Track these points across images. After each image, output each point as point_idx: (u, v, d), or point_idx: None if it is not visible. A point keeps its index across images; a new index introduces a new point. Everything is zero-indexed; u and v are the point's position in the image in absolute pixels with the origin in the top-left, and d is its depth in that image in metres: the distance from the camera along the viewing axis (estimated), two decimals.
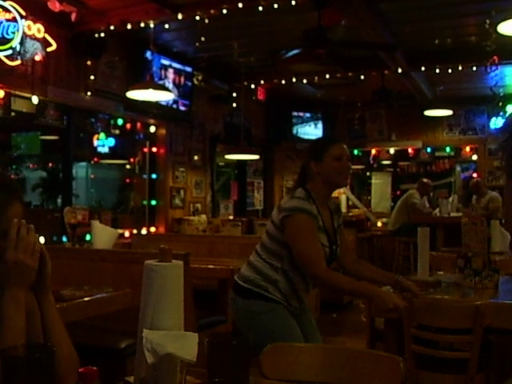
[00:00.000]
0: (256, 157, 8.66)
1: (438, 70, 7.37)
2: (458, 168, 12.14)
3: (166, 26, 5.61)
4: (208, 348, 1.32)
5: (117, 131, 7.21)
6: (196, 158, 8.18)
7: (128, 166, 9.04)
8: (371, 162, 12.39)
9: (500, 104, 8.93)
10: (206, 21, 5.27)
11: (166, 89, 5.98)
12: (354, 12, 5.31)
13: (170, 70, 7.14)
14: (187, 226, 7.39)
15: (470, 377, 2.96)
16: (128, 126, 7.08)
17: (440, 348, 3.37)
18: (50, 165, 10.48)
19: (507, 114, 9.20)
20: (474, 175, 10.25)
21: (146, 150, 7.59)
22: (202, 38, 6.00)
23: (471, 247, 3.72)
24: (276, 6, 4.99)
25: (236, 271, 4.74)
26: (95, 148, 9.13)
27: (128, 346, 3.33)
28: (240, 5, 5.01)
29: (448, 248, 5.66)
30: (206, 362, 1.33)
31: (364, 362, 1.96)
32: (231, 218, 8.63)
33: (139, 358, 1.52)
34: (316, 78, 7.97)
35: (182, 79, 7.32)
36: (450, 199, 9.72)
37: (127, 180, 9.28)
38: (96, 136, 8.63)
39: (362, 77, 7.86)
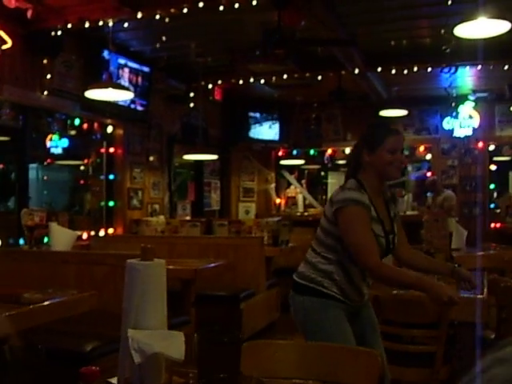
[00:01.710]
0: (214, 157, 8.64)
1: (393, 71, 7.48)
2: (409, 168, 12.35)
3: (125, 24, 5.54)
4: (198, 345, 1.31)
5: (74, 131, 7.09)
6: (153, 158, 8.11)
7: (82, 167, 8.90)
8: (326, 161, 12.47)
9: (453, 104, 9.15)
10: (167, 20, 5.23)
11: (126, 88, 5.92)
12: (313, 13, 5.35)
13: (127, 70, 7.06)
14: (146, 227, 7.32)
15: (437, 370, 3.02)
16: (85, 126, 6.96)
17: (403, 342, 3.43)
18: (1, 166, 10.23)
19: (459, 114, 9.43)
20: (428, 174, 10.45)
21: (103, 150, 7.48)
22: (163, 38, 5.94)
23: (434, 243, 3.80)
24: (237, 5, 4.98)
25: (200, 271, 4.78)
26: (48, 149, 8.95)
27: (94, 349, 3.27)
28: (201, 4, 4.98)
29: None
30: (196, 359, 1.32)
31: (342, 357, 1.97)
32: (188, 218, 8.60)
33: (123, 358, 1.50)
34: (274, 78, 8.00)
35: (140, 79, 7.25)
36: (405, 198, 9.91)
37: (81, 181, 9.13)
38: (49, 136, 8.47)
39: (320, 77, 7.91)
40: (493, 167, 10.16)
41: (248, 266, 5.98)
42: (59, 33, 5.74)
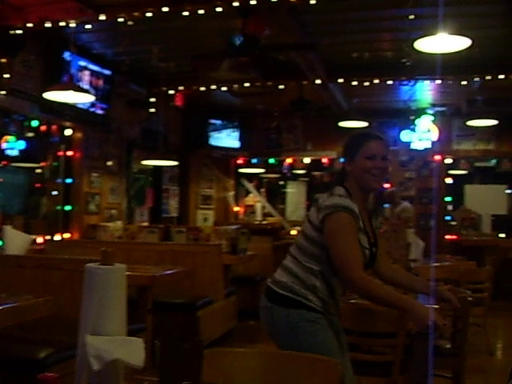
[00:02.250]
0: (174, 163, 8.59)
1: (355, 83, 7.57)
2: None
3: (88, 26, 5.46)
4: (160, 352, 1.28)
5: (31, 133, 6.95)
6: (112, 163, 8.01)
7: (39, 170, 8.73)
8: (284, 171, 12.54)
9: (412, 118, 9.30)
10: (130, 23, 5.17)
11: (86, 91, 5.83)
12: (278, 21, 5.37)
13: (88, 72, 6.96)
14: (103, 232, 7.22)
15: (394, 379, 3.04)
16: (43, 128, 6.83)
17: (360, 352, 3.44)
18: None
19: (418, 127, 9.59)
20: (386, 185, 10.56)
21: (60, 153, 7.35)
22: (126, 42, 5.88)
23: (392, 253, 3.83)
24: (201, 11, 4.96)
25: (158, 278, 4.72)
26: (3, 150, 8.75)
27: (48, 356, 3.19)
28: (165, 9, 4.94)
29: None
30: (158, 366, 1.29)
31: (300, 365, 1.96)
32: (146, 224, 8.51)
33: (80, 365, 1.46)
34: (235, 85, 8.00)
35: (101, 82, 7.16)
36: None
37: (38, 184, 8.95)
38: (5, 138, 8.28)
39: (282, 86, 7.95)
40: (449, 180, 10.34)
41: (206, 274, 5.94)
42: (19, 32, 5.62)
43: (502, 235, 8.58)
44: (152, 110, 8.35)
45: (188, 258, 5.91)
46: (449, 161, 10.12)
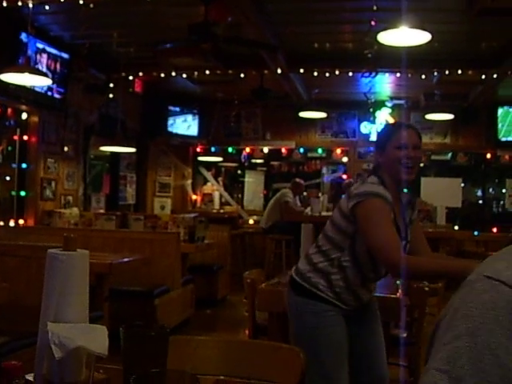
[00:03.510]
0: (132, 150, 8.49)
1: (315, 73, 7.59)
2: (324, 170, 12.59)
3: (46, 7, 5.33)
4: (123, 339, 1.26)
5: None
6: (68, 148, 7.86)
7: None
8: (243, 160, 12.53)
9: (371, 110, 9.38)
10: (91, 6, 5.07)
11: (44, 74, 5.70)
12: (241, 9, 5.34)
13: (45, 55, 6.80)
14: (58, 218, 7.09)
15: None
16: None
17: None
18: None
19: (376, 119, 9.68)
20: (344, 176, 10.67)
21: (16, 137, 7.18)
22: (86, 25, 5.76)
23: None
24: None
25: (115, 266, 4.67)
26: None
27: (2, 345, 3.12)
28: None
29: None
30: (121, 354, 1.27)
31: (263, 353, 1.96)
32: (102, 211, 8.40)
33: (41, 354, 1.43)
34: (196, 73, 7.94)
35: (58, 66, 7.00)
36: (321, 198, 10.07)
37: None
38: None
39: (242, 75, 7.91)
40: None
41: (163, 262, 5.90)
42: None
43: (456, 227, 8.75)
44: (111, 95, 8.23)
45: (146, 246, 5.86)
46: None
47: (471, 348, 0.71)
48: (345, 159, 10.73)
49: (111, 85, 8.12)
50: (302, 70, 7.58)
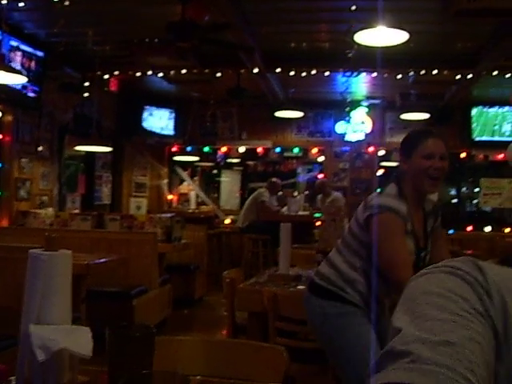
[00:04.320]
0: (108, 149, 8.42)
1: (292, 73, 7.59)
2: (299, 170, 12.62)
3: (21, 4, 5.25)
4: (109, 341, 1.24)
5: None
6: (43, 148, 7.76)
7: None
8: (218, 160, 12.51)
9: (347, 109, 9.42)
10: (67, 3, 5.00)
11: (18, 71, 5.60)
12: (218, 8, 5.32)
13: (19, 53, 6.70)
14: (33, 219, 7.00)
15: (332, 366, 3.07)
16: None
17: (300, 339, 3.47)
18: None
19: (352, 119, 9.72)
20: (320, 176, 10.71)
21: None
22: (61, 22, 5.69)
23: (331, 242, 3.87)
24: None
25: (92, 267, 4.62)
26: None
27: None
28: None
29: (298, 244, 5.82)
30: (106, 355, 1.25)
31: (246, 353, 1.95)
32: (77, 211, 8.32)
33: (22, 356, 1.40)
34: (172, 72, 7.89)
35: (33, 64, 6.91)
36: (297, 198, 10.10)
37: None
38: None
39: (219, 74, 7.89)
40: (381, 172, 10.55)
41: (141, 262, 5.86)
42: None
43: None
44: (86, 94, 8.14)
45: (123, 246, 5.82)
46: (382, 153, 10.33)
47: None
48: (321, 159, 10.76)
49: (86, 83, 8.03)
50: (278, 70, 7.58)
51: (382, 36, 4.88)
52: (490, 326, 0.66)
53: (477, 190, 10.85)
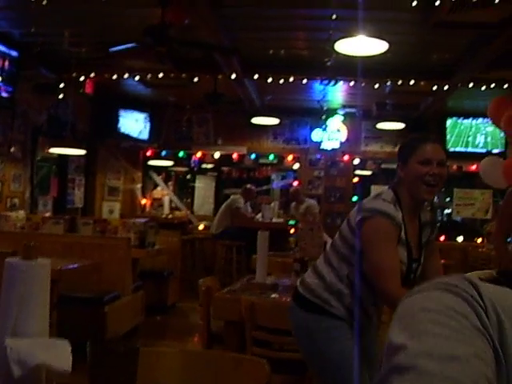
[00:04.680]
0: (81, 152, 8.30)
1: (270, 80, 7.57)
2: (273, 176, 12.62)
3: None
4: (91, 355, 1.19)
5: None
6: (15, 149, 7.62)
7: None
8: (193, 165, 12.46)
9: (323, 117, 9.44)
10: (44, 2, 4.91)
11: None
12: (198, 12, 5.28)
13: None
14: (4, 222, 6.84)
15: (309, 376, 3.05)
16: None
17: (275, 349, 3.43)
18: None
19: (328, 127, 9.74)
20: (295, 183, 10.71)
21: None
22: (36, 22, 5.59)
23: (308, 251, 3.85)
24: None
25: (64, 272, 4.52)
26: None
27: None
28: None
29: (273, 252, 5.78)
30: (88, 371, 1.20)
31: (226, 364, 1.91)
32: (49, 215, 8.19)
33: None
34: (149, 75, 7.82)
35: (6, 63, 6.77)
36: (272, 205, 10.08)
37: None
38: None
39: (196, 79, 7.84)
40: (356, 180, 10.60)
41: (114, 268, 5.77)
42: None
43: None
44: (61, 96, 8.02)
45: (96, 251, 5.72)
46: (356, 161, 10.38)
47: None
48: (296, 166, 10.76)
49: (62, 85, 7.92)
50: (256, 76, 7.55)
51: (361, 45, 4.89)
52: (489, 344, 0.66)
53: (449, 200, 10.96)
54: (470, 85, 7.36)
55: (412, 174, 2.35)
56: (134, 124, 10.10)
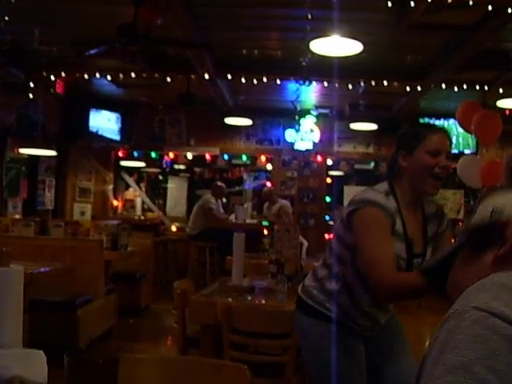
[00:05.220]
0: (52, 153, 8.17)
1: (243, 80, 7.53)
2: (245, 177, 12.58)
3: None
4: (68, 367, 1.13)
5: None
6: None
7: None
8: (164, 166, 12.37)
9: (296, 118, 9.44)
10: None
11: None
12: (172, 11, 5.21)
13: None
14: None
15: (288, 380, 3.02)
16: None
17: (251, 353, 3.39)
18: None
19: (301, 128, 9.74)
20: (268, 184, 10.68)
21: None
22: (6, 18, 5.46)
23: (283, 253, 3.81)
24: None
25: (35, 276, 4.42)
26: None
27: None
28: None
29: (247, 253, 5.73)
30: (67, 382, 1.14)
31: (207, 371, 1.86)
32: (19, 217, 8.04)
33: None
34: (121, 75, 7.71)
35: None
36: (245, 206, 10.05)
37: None
38: None
39: (169, 79, 7.76)
40: (329, 180, 10.62)
41: (86, 270, 5.67)
42: None
43: None
44: (30, 95, 7.87)
45: (67, 254, 5.63)
46: (330, 162, 10.39)
47: (466, 382, 0.69)
48: (269, 167, 10.74)
49: (31, 84, 7.77)
50: (229, 76, 7.49)
51: (335, 46, 4.87)
52: None
53: None
54: (443, 86, 7.40)
55: (419, 165, 2.18)
56: (105, 124, 9.97)
